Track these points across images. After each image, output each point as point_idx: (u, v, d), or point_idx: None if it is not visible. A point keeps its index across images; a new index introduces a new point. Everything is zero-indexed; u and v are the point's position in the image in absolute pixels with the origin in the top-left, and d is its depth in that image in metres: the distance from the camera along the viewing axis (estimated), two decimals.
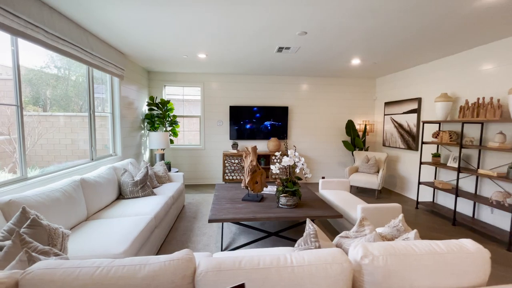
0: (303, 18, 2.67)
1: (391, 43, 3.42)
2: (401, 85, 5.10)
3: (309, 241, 1.47)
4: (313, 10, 2.49)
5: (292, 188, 2.84)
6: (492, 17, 2.58)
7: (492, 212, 3.35)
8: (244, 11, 2.54)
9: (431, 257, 1.12)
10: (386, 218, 2.77)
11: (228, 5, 2.42)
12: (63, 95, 3.03)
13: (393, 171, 5.33)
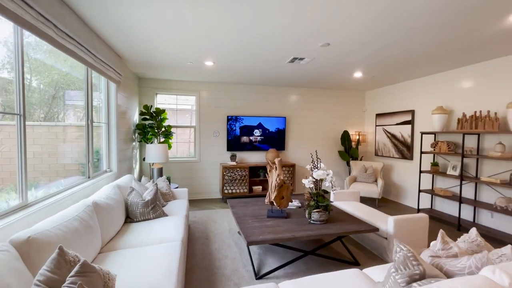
0: (331, 28, 2.65)
1: (396, 58, 3.59)
2: (392, 98, 5.40)
3: (410, 265, 1.36)
4: (342, 22, 2.48)
5: (324, 203, 2.73)
6: (488, 43, 2.84)
7: (492, 217, 3.62)
8: (273, 19, 2.43)
9: None
10: (414, 229, 2.79)
11: (255, 12, 2.30)
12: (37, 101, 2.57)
13: (388, 179, 5.55)
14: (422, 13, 2.27)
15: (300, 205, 3.35)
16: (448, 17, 2.35)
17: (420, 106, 4.75)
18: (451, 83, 4.16)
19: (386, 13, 2.29)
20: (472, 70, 3.84)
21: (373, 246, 3.00)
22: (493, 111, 3.58)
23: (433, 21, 2.42)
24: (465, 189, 3.94)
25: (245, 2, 2.15)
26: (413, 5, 2.14)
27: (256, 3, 2.15)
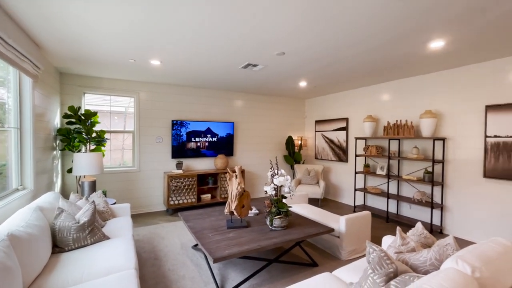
0: (289, 40, 2.74)
1: (339, 73, 3.98)
2: (330, 107, 5.97)
3: (384, 264, 1.47)
4: (303, 34, 2.61)
5: (285, 209, 2.77)
6: (406, 65, 3.46)
7: (410, 208, 4.34)
8: (232, 21, 2.37)
9: (502, 257, 1.34)
10: (361, 225, 3.10)
11: (217, 14, 2.20)
12: None
13: (327, 180, 6.08)
14: (362, 40, 2.56)
15: (258, 212, 3.32)
16: (377, 44, 2.72)
17: (354, 114, 5.38)
18: (378, 96, 4.86)
19: (341, 32, 2.49)
20: (394, 86, 4.56)
21: (326, 245, 3.20)
22: (410, 120, 4.33)
23: (367, 45, 2.76)
24: (391, 186, 4.63)
25: (200, 3, 2.01)
26: (355, 32, 2.39)
27: (215, 6, 2.03)
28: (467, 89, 3.60)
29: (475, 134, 3.52)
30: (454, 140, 3.74)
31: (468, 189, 3.60)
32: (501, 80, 3.28)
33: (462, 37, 2.63)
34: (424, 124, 3.86)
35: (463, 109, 3.64)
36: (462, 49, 2.97)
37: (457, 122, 3.71)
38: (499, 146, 3.27)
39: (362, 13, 2.17)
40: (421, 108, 4.15)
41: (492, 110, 3.33)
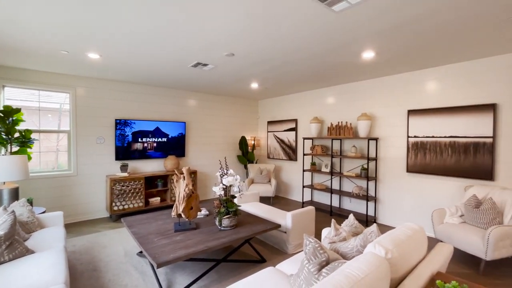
0: (238, 41, 2.79)
1: (288, 76, 4.19)
2: (281, 108, 6.23)
3: (318, 254, 1.61)
4: (250, 38, 2.68)
5: (234, 208, 2.81)
6: (345, 71, 3.83)
7: (350, 202, 4.79)
8: (178, 19, 2.33)
9: (409, 240, 1.58)
10: (306, 220, 3.32)
11: (154, 12, 2.15)
12: None
13: (278, 179, 6.32)
14: (304, 46, 2.75)
15: (208, 213, 3.29)
16: (318, 51, 2.96)
17: (302, 116, 5.70)
18: (323, 99, 5.24)
19: (285, 38, 2.63)
20: (337, 90, 4.98)
21: (274, 241, 3.34)
22: (349, 122, 4.77)
23: (309, 52, 2.98)
24: (334, 182, 5.04)
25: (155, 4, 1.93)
26: (297, 39, 2.56)
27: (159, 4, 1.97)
28: (394, 96, 4.12)
29: (400, 134, 4.06)
30: (385, 140, 4.26)
31: (395, 183, 4.13)
32: (420, 89, 3.84)
33: (389, 50, 3.01)
34: (360, 126, 4.30)
35: (391, 113, 4.17)
36: (389, 60, 3.39)
37: (387, 124, 4.23)
38: (417, 145, 3.83)
39: (303, 21, 2.32)
40: (359, 111, 4.62)
41: (413, 114, 3.88)
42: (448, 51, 3.04)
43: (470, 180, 3.38)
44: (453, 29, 2.44)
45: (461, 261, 2.95)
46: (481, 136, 3.25)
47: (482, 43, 2.77)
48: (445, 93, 3.58)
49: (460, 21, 2.28)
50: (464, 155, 3.39)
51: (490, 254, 2.57)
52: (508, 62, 3.08)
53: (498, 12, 2.12)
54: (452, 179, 3.53)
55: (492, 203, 2.83)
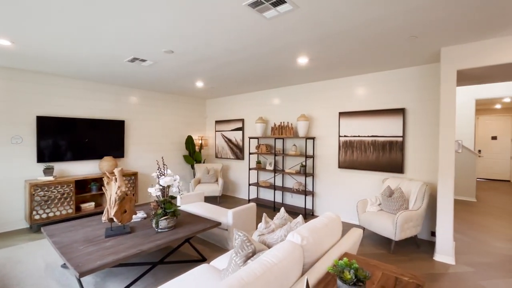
0: (177, 38, 2.75)
1: (232, 76, 4.26)
2: (228, 108, 6.28)
3: (245, 246, 1.70)
4: (188, 35, 2.67)
5: (172, 209, 2.76)
6: (285, 75, 4.10)
7: (292, 197, 5.11)
8: (106, 13, 2.21)
9: (325, 228, 1.79)
10: (247, 216, 3.44)
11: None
12: None
13: (226, 178, 6.36)
14: (242, 48, 2.86)
15: (145, 216, 3.16)
16: (256, 54, 3.11)
17: (248, 115, 5.85)
18: (268, 100, 5.46)
19: (223, 38, 2.68)
20: (280, 92, 5.24)
21: (217, 239, 3.37)
22: (290, 122, 5.08)
23: (249, 54, 3.11)
24: (277, 179, 5.30)
25: None
26: (236, 39, 2.66)
27: None
28: (328, 99, 4.54)
29: (333, 134, 4.49)
30: (321, 139, 4.65)
31: (329, 178, 4.55)
32: (349, 93, 4.30)
33: (321, 57, 3.30)
34: (300, 126, 4.62)
35: (326, 115, 4.58)
36: (322, 66, 3.72)
37: (322, 124, 4.63)
38: (347, 143, 4.29)
39: (239, 25, 2.41)
40: (298, 112, 4.95)
41: (343, 116, 4.34)
42: (369, 62, 3.48)
43: (387, 174, 3.93)
44: (370, 43, 2.82)
45: (378, 243, 3.43)
46: (395, 136, 3.81)
47: (394, 56, 3.25)
48: (368, 98, 4.09)
49: (375, 37, 2.65)
50: (382, 152, 3.92)
51: (398, 235, 3.04)
52: (412, 74, 3.68)
53: (402, 31, 2.52)
54: (374, 173, 4.05)
55: (401, 192, 3.34)
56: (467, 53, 2.79)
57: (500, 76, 3.25)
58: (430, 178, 3.55)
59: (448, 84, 2.90)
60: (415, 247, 3.32)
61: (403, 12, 2.15)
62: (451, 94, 2.89)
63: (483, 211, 4.96)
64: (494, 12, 2.13)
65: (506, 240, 3.54)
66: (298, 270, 1.42)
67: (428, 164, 3.57)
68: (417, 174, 3.66)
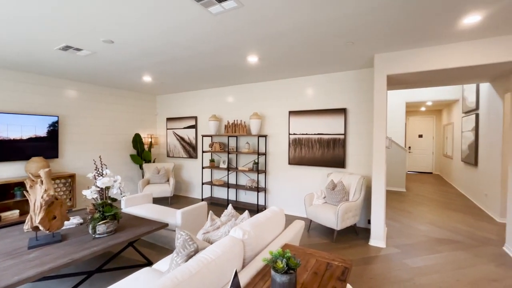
0: (116, 27, 2.55)
1: (182, 71, 4.12)
2: (181, 104, 6.05)
3: (187, 245, 1.66)
4: (129, 25, 2.50)
5: (112, 212, 2.55)
6: (238, 73, 4.13)
7: (245, 194, 5.16)
8: None
9: (268, 221, 1.85)
10: (198, 216, 3.37)
11: None
12: None
13: (179, 177, 6.13)
14: (189, 45, 2.79)
15: (82, 222, 2.86)
16: (205, 50, 3.07)
17: (202, 113, 5.72)
18: (222, 97, 5.41)
19: (166, 31, 2.56)
20: (234, 90, 5.24)
21: (165, 241, 3.23)
22: (243, 120, 5.12)
23: (196, 51, 3.05)
24: (231, 177, 5.31)
25: None
26: (179, 34, 2.58)
27: None
28: (279, 98, 4.70)
29: (284, 132, 4.66)
30: (273, 137, 4.79)
31: (280, 174, 4.72)
32: (298, 93, 4.51)
33: (270, 57, 3.39)
34: (252, 124, 4.69)
35: (277, 113, 4.73)
36: (272, 66, 3.83)
37: (274, 122, 4.77)
38: (296, 141, 4.50)
39: (184, 19, 2.33)
40: (251, 110, 5.02)
41: (293, 115, 4.53)
42: (314, 64, 3.69)
43: (331, 169, 4.23)
44: (311, 46, 2.99)
45: (323, 233, 3.68)
46: (338, 134, 4.12)
47: (335, 60, 3.50)
48: (315, 98, 4.35)
49: (315, 40, 2.81)
50: (327, 148, 4.21)
51: (340, 224, 3.30)
52: (352, 77, 4.02)
53: (340, 36, 2.73)
54: (320, 168, 4.33)
55: (342, 185, 3.64)
56: (395, 60, 3.15)
57: (423, 82, 3.75)
58: (367, 172, 3.93)
59: (380, 87, 3.24)
60: (354, 234, 3.65)
61: (338, 18, 2.33)
62: (382, 97, 3.24)
63: (411, 199, 5.70)
64: (417, 26, 2.45)
65: (427, 223, 4.13)
66: (239, 264, 1.44)
67: (365, 159, 3.95)
68: (356, 168, 4.02)
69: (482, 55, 2.72)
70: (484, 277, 2.54)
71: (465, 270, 2.67)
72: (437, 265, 2.78)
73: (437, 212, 4.74)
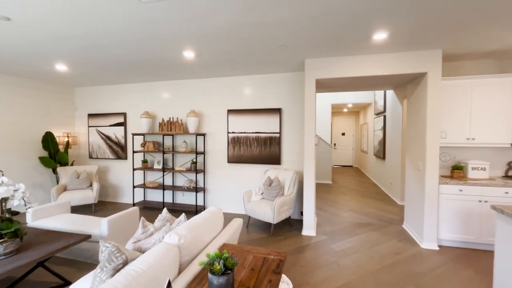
0: (12, 1, 2.09)
1: (106, 61, 3.65)
2: (106, 99, 5.37)
3: (114, 258, 1.49)
4: (38, 2, 2.08)
5: (12, 229, 2.10)
6: (181, 67, 3.93)
7: (183, 195, 4.95)
8: None
9: (205, 222, 1.81)
10: (129, 223, 3.06)
11: None
12: None
13: (105, 181, 5.45)
14: (113, 32, 2.51)
15: None
16: (134, 41, 2.82)
17: (132, 109, 5.20)
18: (154, 93, 5.02)
19: (91, 15, 2.23)
20: (171, 85, 4.92)
21: (88, 256, 2.83)
22: (180, 118, 4.88)
23: (123, 39, 2.77)
24: (167, 178, 5.01)
25: None
26: (100, 20, 2.30)
27: None
28: (218, 96, 4.65)
29: (223, 130, 4.64)
30: (211, 135, 4.72)
31: (220, 173, 4.69)
32: (236, 91, 4.54)
33: (206, 53, 3.30)
34: (190, 122, 4.51)
35: (216, 111, 4.67)
36: (209, 63, 3.74)
37: (212, 121, 4.70)
38: (235, 139, 4.54)
39: (108, 2, 2.06)
40: (188, 108, 4.83)
41: (231, 114, 4.55)
42: (250, 64, 3.77)
43: (268, 165, 4.42)
44: (246, 46, 3.04)
45: (261, 228, 3.82)
46: (274, 132, 4.33)
47: (271, 61, 3.66)
48: (253, 98, 4.46)
49: (250, 41, 2.88)
50: (264, 146, 4.38)
51: (276, 218, 3.49)
52: (287, 78, 4.28)
53: (271, 40, 2.86)
54: (258, 165, 4.47)
55: (278, 181, 3.84)
56: (323, 66, 3.48)
57: (345, 86, 4.26)
58: (300, 167, 4.26)
59: (310, 90, 3.54)
60: (289, 226, 3.91)
61: (269, 23, 2.43)
62: (312, 99, 3.54)
63: (336, 190, 6.44)
64: (339, 37, 2.75)
65: (348, 210, 4.73)
66: (174, 270, 1.37)
67: (298, 156, 4.26)
68: (290, 164, 4.31)
69: (388, 66, 3.25)
70: (390, 251, 3.06)
71: (376, 248, 3.16)
72: (356, 246, 3.22)
73: (356, 200, 5.48)
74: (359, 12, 2.19)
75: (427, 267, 2.70)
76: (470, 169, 3.28)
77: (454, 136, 3.29)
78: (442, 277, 2.52)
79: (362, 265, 2.76)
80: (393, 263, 2.79)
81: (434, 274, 2.58)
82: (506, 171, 3.45)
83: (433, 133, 3.13)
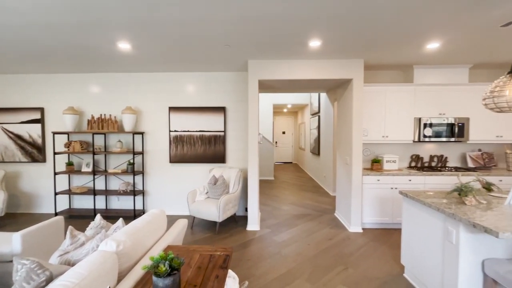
0: None
1: (20, 46, 3.07)
2: (15, 91, 4.48)
3: (34, 276, 1.29)
4: None
5: None
6: (108, 60, 3.56)
7: (118, 200, 4.52)
8: None
9: (147, 225, 1.72)
10: (50, 235, 2.65)
11: None
12: None
13: (15, 190, 4.56)
14: (27, 7, 2.15)
15: None
16: (57, 24, 2.47)
17: (52, 104, 4.48)
18: (82, 86, 4.42)
19: None
20: (98, 78, 4.40)
21: None
22: (114, 115, 4.43)
23: (36, 18, 2.39)
24: (98, 182, 4.49)
25: None
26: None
27: None
28: (158, 92, 4.38)
29: (164, 129, 4.40)
30: (151, 134, 4.42)
31: (161, 174, 4.44)
32: (178, 88, 4.36)
33: (143, 45, 3.08)
34: (126, 120, 4.14)
35: (156, 108, 4.40)
36: (147, 56, 3.50)
37: (152, 119, 4.41)
38: (177, 138, 4.36)
39: None
40: (124, 104, 4.42)
41: (173, 111, 4.36)
42: (195, 60, 3.68)
43: (213, 164, 4.40)
44: (187, 43, 2.97)
45: (206, 228, 3.79)
46: (218, 131, 4.33)
47: (214, 59, 3.64)
48: (196, 95, 4.36)
49: (191, 37, 2.82)
50: (209, 145, 4.34)
51: (221, 216, 3.50)
52: (231, 77, 4.32)
53: (213, 38, 2.86)
54: (202, 164, 4.40)
55: (223, 179, 3.86)
56: (265, 67, 3.64)
57: (285, 88, 4.53)
58: (244, 165, 4.37)
59: (253, 90, 3.66)
60: (234, 223, 3.98)
61: (210, 20, 2.44)
62: (255, 98, 3.67)
63: (277, 185, 6.81)
64: (279, 42, 2.92)
65: (289, 203, 5.07)
66: (113, 280, 1.27)
67: (242, 154, 4.36)
68: (235, 162, 4.37)
69: (321, 71, 3.60)
70: (324, 237, 3.42)
71: (313, 235, 3.49)
72: (296, 236, 3.49)
73: (295, 193, 5.91)
74: (294, 19, 2.38)
75: (354, 248, 3.12)
76: (385, 162, 3.91)
77: (373, 134, 3.86)
78: (365, 255, 2.95)
79: (301, 252, 3.01)
80: (327, 247, 3.14)
81: (359, 253, 3.00)
82: (409, 162, 4.23)
83: (357, 131, 3.62)
